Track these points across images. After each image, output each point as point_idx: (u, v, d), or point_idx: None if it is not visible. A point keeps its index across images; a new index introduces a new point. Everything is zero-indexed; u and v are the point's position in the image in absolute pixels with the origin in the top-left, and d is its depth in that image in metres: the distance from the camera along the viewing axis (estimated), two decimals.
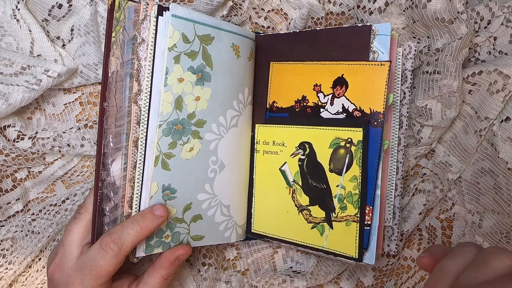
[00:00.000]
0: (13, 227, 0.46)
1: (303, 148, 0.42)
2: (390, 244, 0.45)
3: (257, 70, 0.46)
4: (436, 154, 0.48)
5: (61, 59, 0.45)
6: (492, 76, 0.42)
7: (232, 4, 0.46)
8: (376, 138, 0.39)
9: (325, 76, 0.42)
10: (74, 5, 0.45)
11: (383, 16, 0.45)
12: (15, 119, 0.45)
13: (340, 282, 0.48)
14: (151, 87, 0.37)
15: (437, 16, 0.41)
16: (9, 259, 0.46)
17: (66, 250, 0.38)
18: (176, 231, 0.40)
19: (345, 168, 0.40)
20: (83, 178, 0.49)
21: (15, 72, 0.43)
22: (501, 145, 0.43)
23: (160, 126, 0.38)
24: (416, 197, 0.47)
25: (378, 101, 0.39)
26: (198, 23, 0.39)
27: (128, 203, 0.38)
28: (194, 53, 0.39)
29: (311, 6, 0.45)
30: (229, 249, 0.49)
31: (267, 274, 0.49)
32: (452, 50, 0.41)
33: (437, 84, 0.43)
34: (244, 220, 0.46)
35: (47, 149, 0.46)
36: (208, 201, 0.42)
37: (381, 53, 0.40)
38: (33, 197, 0.49)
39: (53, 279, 0.38)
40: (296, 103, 0.44)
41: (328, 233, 0.41)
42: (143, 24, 0.37)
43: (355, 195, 0.39)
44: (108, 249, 0.36)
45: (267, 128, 0.45)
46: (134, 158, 0.37)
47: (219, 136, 0.42)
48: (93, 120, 0.48)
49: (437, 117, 0.44)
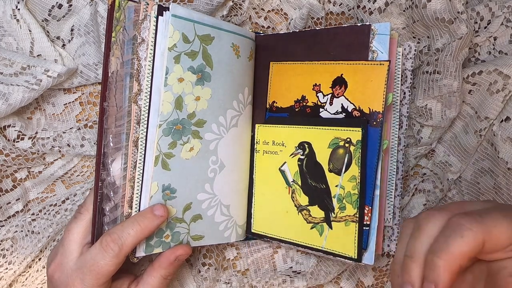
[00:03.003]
0: (13, 227, 0.46)
1: (302, 148, 0.42)
2: (390, 244, 0.45)
3: (257, 70, 0.46)
4: (436, 154, 0.48)
5: (61, 59, 0.45)
6: (492, 76, 0.42)
7: (232, 4, 0.46)
8: (375, 138, 0.39)
9: (324, 76, 0.42)
10: (74, 5, 0.45)
11: (383, 16, 0.45)
12: (15, 119, 0.45)
13: (340, 282, 0.48)
14: (151, 87, 0.37)
15: (437, 16, 0.41)
16: (9, 259, 0.46)
17: (66, 250, 0.38)
18: (176, 231, 0.40)
19: (344, 168, 0.40)
20: (83, 178, 0.49)
21: (15, 72, 0.43)
22: (501, 145, 0.43)
23: (160, 126, 0.38)
24: (416, 197, 0.47)
25: (377, 101, 0.39)
26: (198, 23, 0.39)
27: (128, 203, 0.38)
28: (194, 53, 0.39)
29: (311, 6, 0.45)
30: (229, 249, 0.49)
31: (267, 274, 0.49)
32: (452, 50, 0.41)
33: (437, 84, 0.43)
34: (244, 220, 0.46)
35: (47, 149, 0.46)
36: (208, 201, 0.42)
37: (380, 53, 0.40)
38: (33, 197, 0.49)
39: (53, 279, 0.38)
40: (296, 103, 0.44)
41: (327, 233, 0.41)
42: (143, 24, 0.37)
43: (354, 195, 0.39)
44: (109, 249, 0.36)
45: (267, 128, 0.45)
46: (134, 158, 0.38)
47: (219, 136, 0.42)
48: (93, 120, 0.48)
49: (437, 117, 0.44)
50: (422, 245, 0.29)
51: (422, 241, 0.29)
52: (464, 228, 0.27)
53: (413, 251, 0.29)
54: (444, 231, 0.28)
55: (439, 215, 0.30)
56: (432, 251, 0.28)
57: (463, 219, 0.28)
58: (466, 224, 0.27)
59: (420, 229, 0.30)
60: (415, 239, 0.30)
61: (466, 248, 0.27)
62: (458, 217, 0.28)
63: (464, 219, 0.27)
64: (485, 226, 0.27)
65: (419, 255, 0.29)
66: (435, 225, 0.29)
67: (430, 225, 0.29)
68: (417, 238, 0.30)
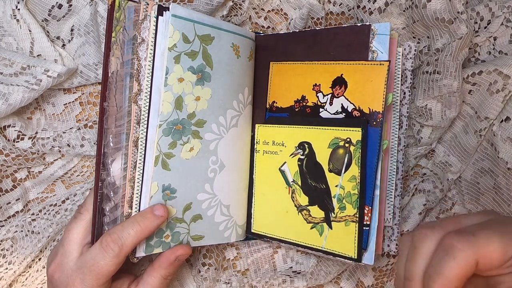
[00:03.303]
0: (13, 227, 0.46)
1: (302, 148, 0.42)
2: (390, 244, 0.45)
3: (257, 70, 0.46)
4: (436, 154, 0.48)
5: (61, 59, 0.45)
6: (492, 76, 0.42)
7: (232, 4, 0.46)
8: (375, 138, 0.39)
9: (324, 76, 0.42)
10: (74, 5, 0.45)
11: (383, 16, 0.45)
12: (15, 119, 0.45)
13: (340, 282, 0.48)
14: (151, 87, 0.37)
15: (437, 16, 0.41)
16: (9, 259, 0.46)
17: (66, 250, 0.38)
18: (176, 231, 0.40)
19: (344, 168, 0.40)
20: (83, 178, 0.49)
21: (15, 72, 0.43)
22: (501, 145, 0.43)
23: (160, 126, 0.38)
24: (416, 197, 0.47)
25: (377, 101, 0.39)
26: (198, 23, 0.39)
27: (128, 203, 0.38)
28: (194, 53, 0.39)
29: (311, 6, 0.45)
30: (229, 249, 0.49)
31: (267, 274, 0.49)
32: (452, 50, 0.41)
33: (437, 84, 0.43)
34: (244, 220, 0.46)
35: (47, 149, 0.46)
36: (208, 201, 0.42)
37: (380, 53, 0.40)
38: (33, 197, 0.49)
39: (53, 279, 0.38)
40: (296, 103, 0.44)
41: (327, 233, 0.41)
42: (143, 24, 0.37)
43: (354, 195, 0.39)
44: (109, 249, 0.36)
45: (267, 128, 0.45)
46: (134, 158, 0.38)
47: (219, 136, 0.42)
48: (93, 120, 0.48)
49: (437, 117, 0.44)
50: (418, 267, 0.30)
51: (418, 263, 0.30)
52: (456, 249, 0.27)
53: (411, 274, 0.30)
54: (438, 252, 0.29)
55: (432, 234, 0.30)
56: (428, 275, 0.29)
57: (455, 239, 0.28)
58: (458, 245, 0.27)
59: (415, 250, 0.30)
60: (412, 262, 0.30)
61: (459, 271, 0.27)
62: (450, 238, 0.28)
63: (456, 240, 0.28)
64: (476, 247, 0.27)
65: (417, 277, 0.29)
66: (429, 245, 0.30)
67: (425, 245, 0.30)
68: (413, 261, 0.30)
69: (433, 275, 0.28)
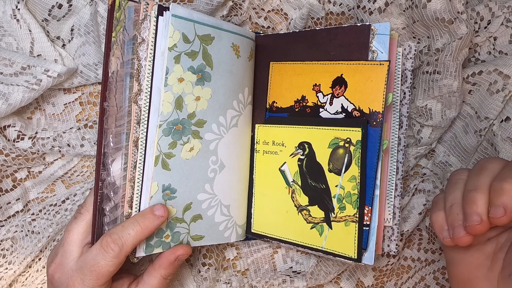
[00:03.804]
0: (13, 227, 0.46)
1: (302, 148, 0.42)
2: (390, 244, 0.45)
3: (257, 70, 0.46)
4: (436, 154, 0.48)
5: (61, 59, 0.45)
6: (492, 76, 0.42)
7: (232, 4, 0.46)
8: (375, 138, 0.39)
9: (324, 76, 0.42)
10: (74, 5, 0.45)
11: (383, 16, 0.45)
12: (15, 119, 0.45)
13: (340, 282, 0.48)
14: (151, 87, 0.37)
15: (437, 16, 0.41)
16: (9, 259, 0.46)
17: (66, 250, 0.38)
18: (176, 231, 0.40)
19: (344, 168, 0.40)
20: (83, 178, 0.49)
21: (15, 72, 0.43)
22: (501, 145, 0.43)
23: (160, 126, 0.38)
24: (416, 197, 0.47)
25: (377, 100, 0.39)
26: (198, 23, 0.39)
27: (128, 203, 0.38)
28: (194, 53, 0.39)
29: (311, 6, 0.45)
30: (229, 249, 0.49)
31: (267, 274, 0.49)
32: (452, 50, 0.41)
33: (437, 84, 0.43)
34: (244, 220, 0.46)
35: (47, 149, 0.46)
36: (208, 201, 0.42)
37: (380, 53, 0.40)
38: (33, 197, 0.49)
39: (53, 279, 0.38)
40: (296, 103, 0.44)
41: (327, 233, 0.41)
42: (143, 24, 0.37)
43: (354, 195, 0.39)
44: (109, 249, 0.36)
45: (267, 128, 0.45)
46: (134, 158, 0.38)
47: (219, 136, 0.42)
48: (93, 120, 0.48)
49: (437, 117, 0.44)
50: (486, 179, 0.31)
51: (486, 175, 0.32)
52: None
53: (477, 184, 0.32)
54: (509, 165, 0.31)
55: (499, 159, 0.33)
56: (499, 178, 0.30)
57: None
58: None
59: (483, 168, 0.32)
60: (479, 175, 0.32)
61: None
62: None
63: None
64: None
65: (484, 186, 0.31)
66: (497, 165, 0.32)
67: (493, 165, 0.32)
68: (481, 174, 0.32)
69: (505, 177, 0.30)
